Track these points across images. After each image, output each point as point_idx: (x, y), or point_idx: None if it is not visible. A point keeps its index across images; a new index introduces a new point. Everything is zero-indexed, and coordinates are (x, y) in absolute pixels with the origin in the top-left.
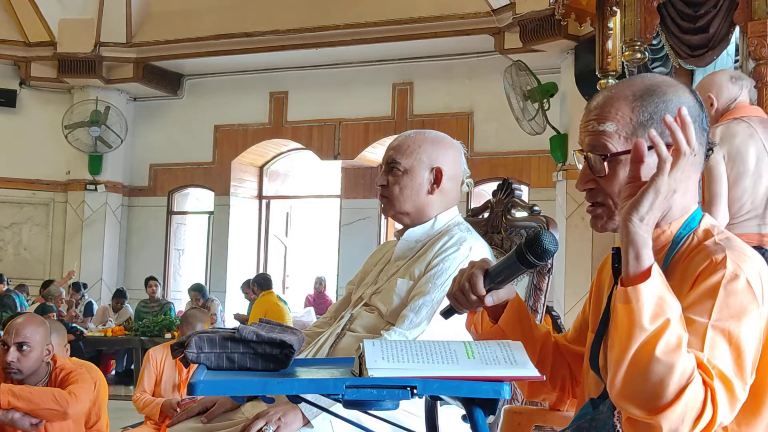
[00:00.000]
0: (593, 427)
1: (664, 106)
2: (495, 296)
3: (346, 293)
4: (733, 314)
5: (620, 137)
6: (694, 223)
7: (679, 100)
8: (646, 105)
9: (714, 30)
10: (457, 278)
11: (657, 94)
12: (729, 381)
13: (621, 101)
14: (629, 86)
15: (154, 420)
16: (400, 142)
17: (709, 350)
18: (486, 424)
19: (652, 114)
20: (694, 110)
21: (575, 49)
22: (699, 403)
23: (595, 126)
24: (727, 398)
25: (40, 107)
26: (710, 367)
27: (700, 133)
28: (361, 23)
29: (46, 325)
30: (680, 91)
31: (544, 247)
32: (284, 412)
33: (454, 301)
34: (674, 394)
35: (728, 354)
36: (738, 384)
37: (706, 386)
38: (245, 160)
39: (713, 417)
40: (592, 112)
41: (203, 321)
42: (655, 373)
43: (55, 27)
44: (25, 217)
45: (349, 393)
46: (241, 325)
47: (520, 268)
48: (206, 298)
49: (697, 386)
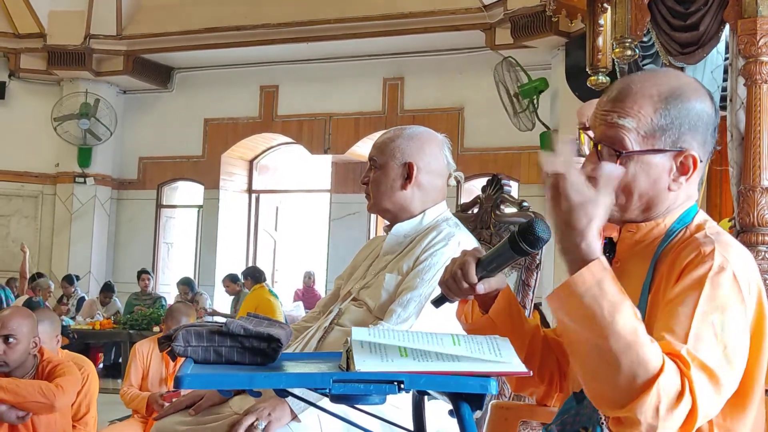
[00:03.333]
0: (577, 421)
1: (686, 113)
2: (486, 284)
3: (335, 288)
4: (718, 306)
5: (638, 135)
6: (688, 218)
7: (703, 108)
8: (669, 109)
9: (704, 27)
10: (449, 266)
11: (682, 99)
12: (712, 371)
13: (646, 99)
14: (655, 84)
15: (141, 414)
16: (378, 140)
17: (693, 342)
18: (473, 419)
19: (674, 119)
20: (710, 118)
21: (566, 45)
22: (674, 392)
23: (614, 118)
24: (710, 388)
25: (30, 99)
26: (689, 358)
27: (711, 141)
28: (352, 18)
29: (33, 318)
30: (702, 97)
31: (537, 235)
32: (273, 407)
33: (445, 288)
34: (641, 384)
35: (714, 345)
36: (724, 375)
37: (682, 375)
38: (235, 154)
39: (693, 407)
40: (614, 103)
41: (189, 315)
42: (615, 367)
43: (45, 19)
44: (13, 210)
45: (336, 387)
46: (229, 319)
47: (512, 255)
48: (195, 292)
49: (670, 375)
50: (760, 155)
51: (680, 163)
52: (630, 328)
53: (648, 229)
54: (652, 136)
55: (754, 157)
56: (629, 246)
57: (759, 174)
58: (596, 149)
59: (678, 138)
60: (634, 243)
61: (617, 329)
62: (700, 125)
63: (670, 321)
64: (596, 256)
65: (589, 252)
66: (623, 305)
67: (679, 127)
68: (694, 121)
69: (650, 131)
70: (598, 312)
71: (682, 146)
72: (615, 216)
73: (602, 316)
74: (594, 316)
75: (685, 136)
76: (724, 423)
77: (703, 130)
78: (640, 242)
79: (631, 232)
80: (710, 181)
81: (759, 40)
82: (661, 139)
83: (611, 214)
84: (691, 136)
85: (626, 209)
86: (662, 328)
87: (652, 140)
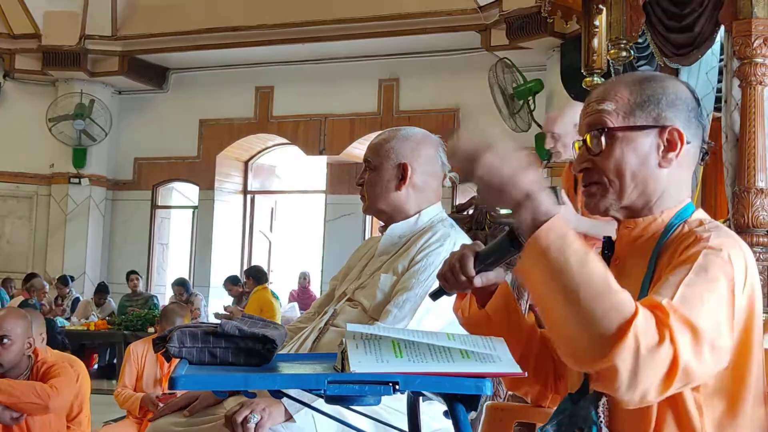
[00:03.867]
0: (573, 422)
1: (661, 91)
2: (484, 278)
3: (330, 288)
4: (709, 278)
5: (618, 115)
6: (687, 214)
7: (676, 88)
8: (644, 88)
9: (699, 29)
10: (448, 259)
11: (655, 79)
12: (694, 326)
13: (620, 85)
14: (630, 75)
15: (136, 414)
16: (373, 141)
17: (678, 301)
18: (468, 420)
19: (650, 96)
20: (691, 102)
21: (561, 46)
22: (651, 335)
23: (594, 107)
24: (691, 343)
25: (25, 100)
26: (670, 309)
27: (696, 125)
28: (348, 19)
29: (27, 319)
30: (677, 82)
31: None
32: (268, 403)
33: (443, 281)
34: (617, 329)
35: (699, 307)
36: (707, 335)
37: (659, 322)
38: (230, 155)
39: (675, 356)
40: (593, 97)
41: (183, 316)
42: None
43: (40, 19)
44: (8, 210)
45: (331, 388)
46: (224, 320)
47: (510, 250)
48: (190, 292)
49: (645, 319)
50: (755, 156)
51: (666, 139)
52: (600, 276)
53: (646, 224)
54: (631, 114)
55: (748, 158)
56: (628, 242)
57: (754, 175)
58: (585, 145)
59: (659, 114)
60: (633, 239)
61: (587, 278)
62: (679, 103)
63: (660, 288)
64: (553, 213)
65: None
66: (589, 255)
67: (657, 102)
68: (671, 98)
69: (629, 110)
70: (565, 263)
71: (665, 123)
72: (613, 205)
73: (570, 267)
74: (562, 268)
75: (666, 113)
76: (717, 423)
77: (683, 109)
78: (639, 238)
79: (629, 228)
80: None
81: (754, 41)
82: (641, 116)
83: (610, 204)
84: (673, 113)
85: (622, 193)
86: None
87: (633, 118)
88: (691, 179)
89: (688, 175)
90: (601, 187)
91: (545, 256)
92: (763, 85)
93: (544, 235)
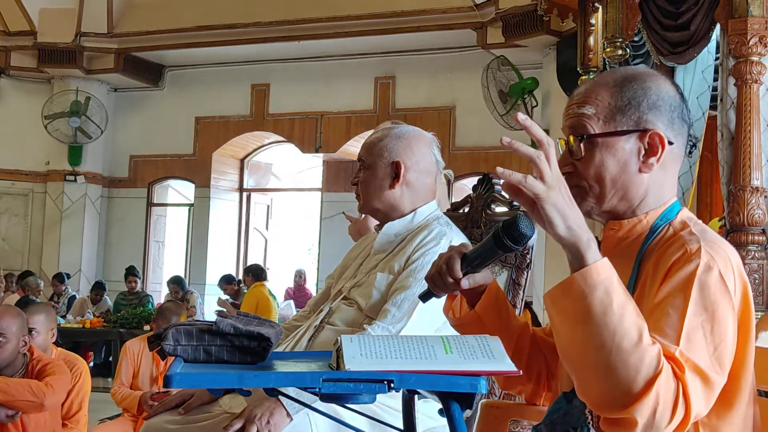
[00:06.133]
0: (567, 421)
1: (642, 93)
2: (471, 280)
3: (326, 287)
4: (707, 307)
5: (599, 120)
6: (672, 215)
7: (658, 88)
8: (625, 91)
9: (695, 27)
10: (436, 262)
11: (636, 81)
12: (704, 373)
13: (601, 87)
14: (611, 74)
15: (132, 413)
16: (367, 140)
17: (684, 343)
18: (462, 419)
19: (631, 99)
20: (675, 100)
21: (557, 44)
22: (671, 395)
23: (575, 110)
24: (702, 391)
25: (20, 97)
26: (683, 360)
27: (680, 124)
28: (344, 16)
29: (23, 317)
30: (660, 80)
31: (521, 231)
32: (271, 412)
33: (431, 283)
34: (643, 385)
35: (704, 347)
36: (715, 376)
37: (677, 379)
38: (226, 153)
39: (687, 411)
40: (574, 98)
41: (178, 314)
42: (620, 366)
43: (36, 16)
44: (3, 208)
45: (326, 386)
46: (219, 318)
47: (496, 252)
48: (185, 290)
49: (668, 377)
50: (750, 155)
51: (647, 144)
52: (638, 327)
53: (631, 225)
54: (612, 119)
55: (744, 156)
56: (613, 244)
57: (749, 173)
58: (568, 147)
59: (640, 118)
60: (618, 241)
61: (626, 326)
62: (662, 105)
63: (661, 322)
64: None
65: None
66: (631, 303)
67: (638, 106)
68: (653, 100)
69: (609, 115)
70: (609, 307)
71: (645, 126)
72: (594, 209)
73: (612, 312)
74: (605, 311)
75: (647, 116)
76: (709, 422)
77: (666, 110)
78: (624, 239)
79: (614, 230)
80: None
81: (749, 40)
82: (622, 120)
83: (590, 207)
84: (654, 116)
85: (602, 199)
86: (653, 329)
87: (613, 123)
88: (676, 177)
89: (672, 174)
90: (580, 190)
91: (591, 294)
92: (759, 84)
93: (596, 272)
